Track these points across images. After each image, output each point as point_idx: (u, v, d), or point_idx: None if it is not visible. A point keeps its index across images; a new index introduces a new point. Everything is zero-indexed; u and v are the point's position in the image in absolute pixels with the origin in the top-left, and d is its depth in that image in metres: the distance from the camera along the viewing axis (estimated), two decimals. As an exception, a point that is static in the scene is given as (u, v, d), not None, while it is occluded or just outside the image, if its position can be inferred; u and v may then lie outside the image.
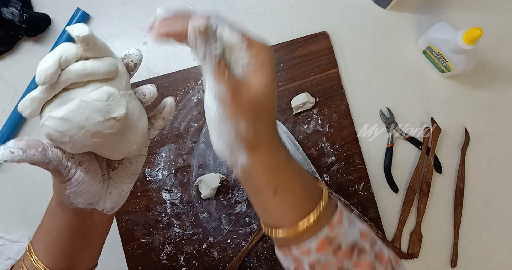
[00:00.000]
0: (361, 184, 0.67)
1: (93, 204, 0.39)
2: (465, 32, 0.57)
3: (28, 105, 0.32)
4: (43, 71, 0.31)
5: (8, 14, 0.64)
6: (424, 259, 0.67)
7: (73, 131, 0.32)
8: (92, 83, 0.33)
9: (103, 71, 0.33)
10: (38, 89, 0.32)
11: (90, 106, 0.32)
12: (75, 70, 0.32)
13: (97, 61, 0.33)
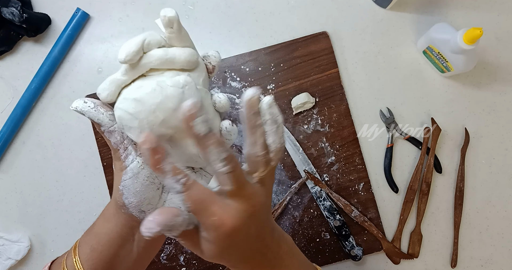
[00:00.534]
0: (361, 184, 0.67)
1: (145, 212, 0.37)
2: (465, 32, 0.57)
3: (107, 87, 0.32)
4: (126, 49, 0.31)
5: (8, 14, 0.64)
6: (424, 259, 0.67)
7: (143, 114, 0.32)
8: (170, 71, 0.33)
9: (183, 59, 0.33)
10: (119, 72, 0.32)
11: (165, 91, 0.32)
12: (156, 54, 0.32)
13: (178, 49, 0.33)
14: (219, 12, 0.71)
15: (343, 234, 0.66)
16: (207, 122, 0.29)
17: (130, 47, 0.31)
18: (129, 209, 0.36)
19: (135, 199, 0.36)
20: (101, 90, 0.33)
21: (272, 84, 0.69)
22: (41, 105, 0.70)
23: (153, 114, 0.32)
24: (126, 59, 0.31)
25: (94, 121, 0.33)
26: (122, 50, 0.31)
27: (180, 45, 0.34)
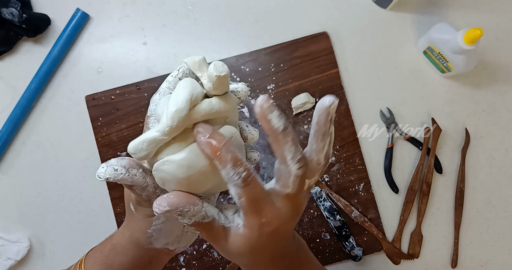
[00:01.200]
0: (361, 185, 0.67)
1: (168, 243, 0.36)
2: (465, 32, 0.56)
3: (144, 148, 0.29)
4: (176, 113, 0.27)
5: (8, 15, 0.64)
6: (425, 259, 0.67)
7: (194, 178, 0.30)
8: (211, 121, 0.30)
9: (227, 110, 0.31)
10: (158, 132, 0.28)
11: None
12: (203, 110, 0.29)
13: (221, 99, 0.30)
14: (219, 12, 0.71)
15: (343, 234, 0.66)
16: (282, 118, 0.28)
17: (181, 110, 0.28)
18: (154, 245, 0.36)
19: (165, 239, 0.35)
20: (137, 150, 0.29)
21: (272, 84, 0.69)
22: (41, 105, 0.70)
23: (203, 175, 0.30)
24: (177, 124, 0.28)
25: (127, 184, 0.30)
26: (172, 114, 0.28)
27: (220, 92, 0.30)
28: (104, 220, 0.69)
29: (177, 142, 0.29)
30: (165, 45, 0.71)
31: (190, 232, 0.38)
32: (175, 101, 0.28)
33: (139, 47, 0.71)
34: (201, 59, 0.30)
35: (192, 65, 0.30)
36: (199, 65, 0.30)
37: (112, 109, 0.68)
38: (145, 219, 0.34)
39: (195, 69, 0.30)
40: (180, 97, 0.28)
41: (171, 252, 0.39)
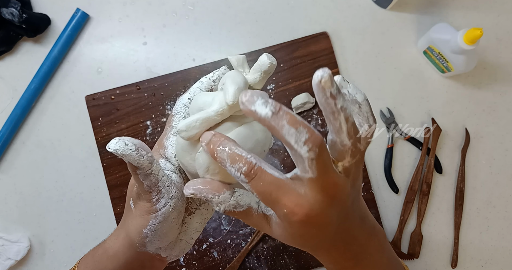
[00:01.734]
0: (361, 185, 0.67)
1: (161, 248, 0.36)
2: (465, 33, 0.56)
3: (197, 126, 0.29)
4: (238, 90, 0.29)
5: (8, 15, 0.64)
6: (425, 259, 0.67)
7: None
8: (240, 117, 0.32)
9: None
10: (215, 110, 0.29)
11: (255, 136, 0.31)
12: None
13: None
14: (219, 12, 0.71)
15: (343, 234, 0.66)
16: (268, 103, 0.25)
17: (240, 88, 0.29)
18: (147, 248, 0.35)
19: (160, 242, 0.35)
20: (190, 127, 0.29)
21: (272, 84, 0.69)
22: (41, 105, 0.70)
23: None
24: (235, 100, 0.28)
25: (133, 164, 0.30)
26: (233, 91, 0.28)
27: (259, 87, 0.33)
28: (104, 220, 0.69)
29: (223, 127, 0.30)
30: (165, 45, 0.71)
31: (184, 240, 0.38)
32: (234, 82, 0.29)
33: (139, 47, 0.71)
34: (244, 57, 0.32)
35: (236, 62, 0.32)
36: (242, 62, 0.32)
37: (112, 109, 0.68)
38: (142, 216, 0.33)
39: (238, 66, 0.32)
40: (238, 79, 0.29)
41: (163, 260, 0.38)
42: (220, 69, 0.34)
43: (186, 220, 0.37)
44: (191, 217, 0.37)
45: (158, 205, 0.32)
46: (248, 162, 0.27)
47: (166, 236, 0.35)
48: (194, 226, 0.37)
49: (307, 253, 0.67)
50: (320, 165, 0.26)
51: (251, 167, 0.27)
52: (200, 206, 0.37)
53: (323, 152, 0.26)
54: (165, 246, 0.36)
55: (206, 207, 0.38)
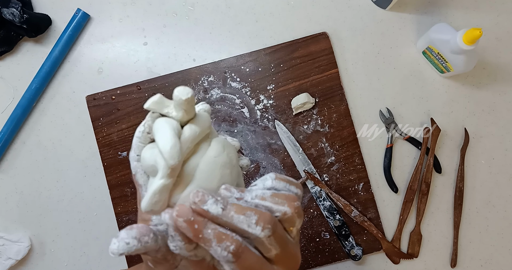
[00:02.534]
0: (361, 184, 0.67)
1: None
2: (464, 33, 0.57)
3: (159, 199, 0.28)
4: (172, 150, 0.27)
5: (9, 15, 0.65)
6: (424, 259, 0.68)
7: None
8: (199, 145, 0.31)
9: (206, 127, 0.32)
10: (164, 176, 0.28)
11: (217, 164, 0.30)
12: (189, 137, 0.30)
13: (197, 120, 0.31)
14: (219, 12, 0.71)
15: (343, 234, 0.66)
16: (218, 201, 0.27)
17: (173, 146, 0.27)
18: None
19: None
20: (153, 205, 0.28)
21: (272, 84, 0.69)
22: (42, 105, 0.70)
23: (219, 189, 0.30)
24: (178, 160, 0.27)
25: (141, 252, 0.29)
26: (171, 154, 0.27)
27: (192, 116, 0.31)
28: (105, 220, 0.69)
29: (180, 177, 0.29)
30: (165, 45, 0.71)
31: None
32: (164, 141, 0.28)
33: (139, 47, 0.71)
34: (160, 96, 0.31)
35: (154, 106, 0.31)
36: (161, 103, 0.31)
37: (113, 109, 0.69)
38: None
39: (159, 108, 0.31)
40: (167, 135, 0.28)
41: None
42: (146, 119, 0.32)
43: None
44: None
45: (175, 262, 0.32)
46: (235, 240, 0.27)
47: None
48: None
49: (307, 253, 0.67)
50: (278, 240, 0.28)
51: (239, 244, 0.27)
52: None
53: (276, 227, 0.27)
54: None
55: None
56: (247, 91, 0.69)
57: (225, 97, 0.69)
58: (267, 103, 0.69)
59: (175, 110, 0.30)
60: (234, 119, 0.69)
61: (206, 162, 0.30)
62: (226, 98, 0.69)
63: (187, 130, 0.30)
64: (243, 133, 0.68)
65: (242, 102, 0.69)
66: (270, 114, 0.69)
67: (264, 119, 0.69)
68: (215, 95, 0.69)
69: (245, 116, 0.69)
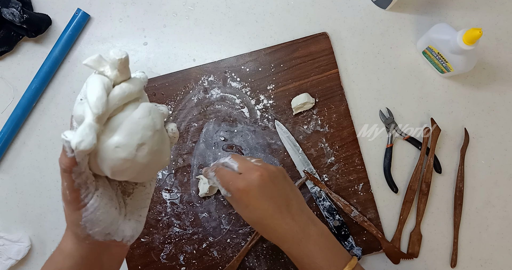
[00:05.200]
0: (361, 185, 0.67)
1: (111, 233, 0.38)
2: (464, 33, 0.57)
3: (87, 133, 0.31)
4: (98, 101, 0.31)
5: (9, 15, 0.65)
6: (424, 259, 0.68)
7: (134, 154, 0.33)
8: (127, 105, 0.35)
9: (137, 90, 0.35)
10: (90, 119, 0.31)
11: (139, 124, 0.34)
12: (117, 95, 0.33)
13: (129, 82, 0.35)
14: (219, 12, 0.71)
15: (342, 234, 0.66)
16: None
17: (100, 97, 0.31)
18: (94, 237, 0.37)
19: (100, 227, 0.36)
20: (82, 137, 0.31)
21: (272, 84, 0.69)
22: (42, 105, 0.70)
23: (142, 148, 0.34)
24: (102, 110, 0.31)
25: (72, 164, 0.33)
26: (94, 103, 0.31)
27: (127, 77, 0.35)
28: (105, 220, 0.69)
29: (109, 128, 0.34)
30: (165, 45, 0.71)
31: (133, 219, 0.40)
32: (92, 92, 0.32)
33: (139, 47, 0.71)
34: (98, 56, 0.34)
35: (92, 64, 0.34)
36: (98, 62, 0.34)
37: (113, 109, 0.69)
38: (74, 212, 0.35)
39: (96, 66, 0.34)
40: (96, 87, 0.32)
41: (122, 244, 0.39)
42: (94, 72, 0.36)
43: (128, 201, 0.40)
44: (131, 197, 0.40)
45: (86, 200, 0.34)
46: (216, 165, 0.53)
47: (104, 222, 0.36)
48: (138, 204, 0.40)
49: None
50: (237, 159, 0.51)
51: (217, 167, 0.51)
52: (136, 186, 0.41)
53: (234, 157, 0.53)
54: (111, 230, 0.37)
55: (143, 184, 0.42)
56: (247, 91, 0.69)
57: (225, 97, 0.69)
58: (267, 103, 0.69)
59: (110, 70, 0.34)
60: (234, 119, 0.69)
61: (129, 121, 0.33)
62: (226, 98, 0.69)
63: (117, 88, 0.34)
64: (243, 133, 0.68)
65: (242, 102, 0.69)
66: (270, 114, 0.69)
67: (264, 119, 0.69)
68: (215, 95, 0.69)
69: (245, 116, 0.69)
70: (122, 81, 0.35)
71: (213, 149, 0.68)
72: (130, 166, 0.34)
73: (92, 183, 0.35)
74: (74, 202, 0.35)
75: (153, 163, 0.36)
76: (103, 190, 0.36)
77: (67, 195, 0.34)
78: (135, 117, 0.34)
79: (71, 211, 0.35)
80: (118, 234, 0.38)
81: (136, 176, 0.36)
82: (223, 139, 0.69)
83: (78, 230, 0.36)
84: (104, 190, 0.36)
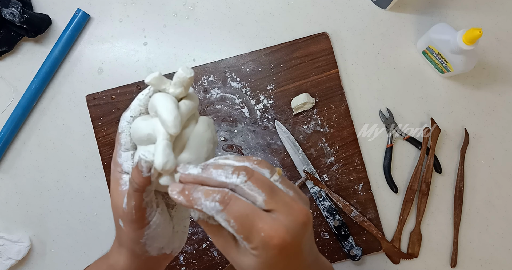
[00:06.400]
0: (361, 185, 0.67)
1: (164, 247, 0.38)
2: (464, 33, 0.57)
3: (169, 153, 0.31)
4: (176, 120, 0.31)
5: (9, 15, 0.65)
6: (424, 259, 0.68)
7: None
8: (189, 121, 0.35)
9: (197, 105, 0.36)
10: (166, 138, 0.31)
11: (204, 138, 0.34)
12: (184, 112, 0.33)
13: (190, 98, 0.35)
14: (219, 12, 0.71)
15: (342, 234, 0.66)
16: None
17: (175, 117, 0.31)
18: (151, 252, 0.37)
19: (159, 243, 0.36)
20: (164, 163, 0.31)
21: (272, 84, 0.69)
22: (42, 105, 0.70)
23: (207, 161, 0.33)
24: (179, 130, 0.31)
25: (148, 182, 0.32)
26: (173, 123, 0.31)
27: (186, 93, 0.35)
28: (105, 220, 0.69)
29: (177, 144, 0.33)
30: (165, 45, 0.71)
31: (180, 231, 0.39)
32: (168, 112, 0.31)
33: (139, 47, 0.71)
34: (160, 73, 0.34)
35: (156, 82, 0.34)
36: (160, 79, 0.34)
37: (113, 108, 0.69)
38: (136, 231, 0.34)
39: (158, 84, 0.34)
40: (170, 107, 0.32)
41: (169, 256, 0.39)
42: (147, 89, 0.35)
43: (172, 213, 0.39)
44: (175, 209, 0.39)
45: (149, 217, 0.34)
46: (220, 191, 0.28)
47: (163, 237, 0.36)
48: (182, 215, 0.40)
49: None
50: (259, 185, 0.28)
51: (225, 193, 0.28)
52: None
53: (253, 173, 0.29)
54: (165, 244, 0.37)
55: None
56: (247, 91, 0.69)
57: (225, 97, 0.69)
58: (267, 103, 0.69)
59: (172, 87, 0.34)
60: (234, 119, 0.69)
61: (196, 135, 0.34)
62: (226, 98, 0.69)
63: (183, 106, 0.34)
64: (243, 133, 0.68)
65: (242, 102, 0.69)
66: (270, 114, 0.69)
67: (264, 119, 0.69)
68: (215, 95, 0.69)
69: (245, 116, 0.69)
70: (182, 98, 0.35)
71: (213, 149, 0.68)
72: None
73: (155, 201, 0.34)
74: (139, 221, 0.34)
75: None
76: (162, 206, 0.36)
77: (133, 214, 0.33)
78: (199, 131, 0.34)
79: (134, 229, 0.34)
80: (169, 246, 0.38)
81: None
82: (223, 139, 0.69)
83: (137, 247, 0.35)
84: (163, 206, 0.36)
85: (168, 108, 0.32)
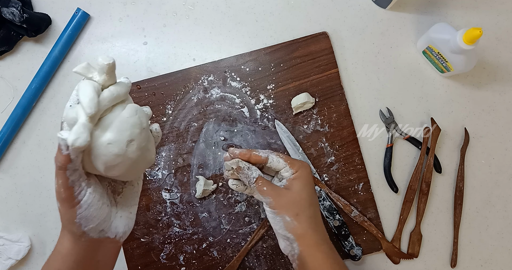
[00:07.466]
0: (361, 184, 0.67)
1: (105, 230, 0.40)
2: (464, 32, 0.57)
3: (82, 131, 0.34)
4: (90, 102, 0.35)
5: (9, 14, 0.65)
6: (424, 259, 0.67)
7: (124, 149, 0.37)
8: (115, 107, 0.38)
9: (124, 92, 0.39)
10: (83, 119, 0.35)
11: (128, 123, 0.37)
12: (107, 97, 0.37)
13: (116, 86, 0.39)
14: (219, 12, 0.71)
15: (342, 234, 0.66)
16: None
17: (92, 98, 0.35)
18: (90, 234, 0.39)
19: (94, 223, 0.38)
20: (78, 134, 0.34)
21: (272, 84, 0.69)
22: (42, 105, 0.70)
23: (131, 144, 0.37)
24: (95, 110, 0.35)
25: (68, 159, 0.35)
26: (87, 104, 0.34)
27: (114, 81, 0.39)
28: (105, 220, 0.69)
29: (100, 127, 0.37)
30: (165, 45, 0.71)
31: (124, 216, 0.42)
32: (84, 95, 0.35)
33: (139, 47, 0.71)
34: (87, 63, 0.38)
35: (81, 71, 0.38)
36: (87, 69, 0.38)
37: (113, 108, 0.69)
38: (69, 210, 0.37)
39: (85, 73, 0.38)
40: (87, 90, 0.36)
41: (115, 241, 0.42)
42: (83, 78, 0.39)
43: (118, 200, 0.43)
44: (121, 196, 0.44)
45: (79, 197, 0.37)
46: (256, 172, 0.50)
47: (98, 218, 0.39)
48: (128, 202, 0.44)
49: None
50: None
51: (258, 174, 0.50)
52: (125, 185, 0.44)
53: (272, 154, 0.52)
54: (105, 227, 0.40)
55: (132, 183, 0.45)
56: (247, 90, 0.69)
57: (225, 97, 0.69)
58: (267, 103, 0.69)
59: (98, 75, 0.38)
60: (234, 118, 0.69)
61: (119, 120, 0.37)
62: (226, 97, 0.69)
63: (106, 91, 0.37)
64: (243, 133, 0.68)
65: (242, 102, 0.69)
66: (270, 114, 0.69)
67: (264, 118, 0.69)
68: (215, 95, 0.69)
69: (245, 115, 0.69)
70: (110, 85, 0.38)
71: (213, 148, 0.68)
72: (121, 161, 0.37)
73: (84, 181, 0.37)
74: (68, 200, 0.36)
75: (141, 160, 0.40)
76: (95, 187, 0.38)
77: (62, 193, 0.36)
78: (124, 116, 0.37)
79: (66, 209, 0.37)
80: (111, 230, 0.41)
81: (125, 172, 0.39)
82: (223, 139, 0.69)
83: (73, 227, 0.38)
84: (95, 187, 0.38)
85: (85, 91, 0.35)
